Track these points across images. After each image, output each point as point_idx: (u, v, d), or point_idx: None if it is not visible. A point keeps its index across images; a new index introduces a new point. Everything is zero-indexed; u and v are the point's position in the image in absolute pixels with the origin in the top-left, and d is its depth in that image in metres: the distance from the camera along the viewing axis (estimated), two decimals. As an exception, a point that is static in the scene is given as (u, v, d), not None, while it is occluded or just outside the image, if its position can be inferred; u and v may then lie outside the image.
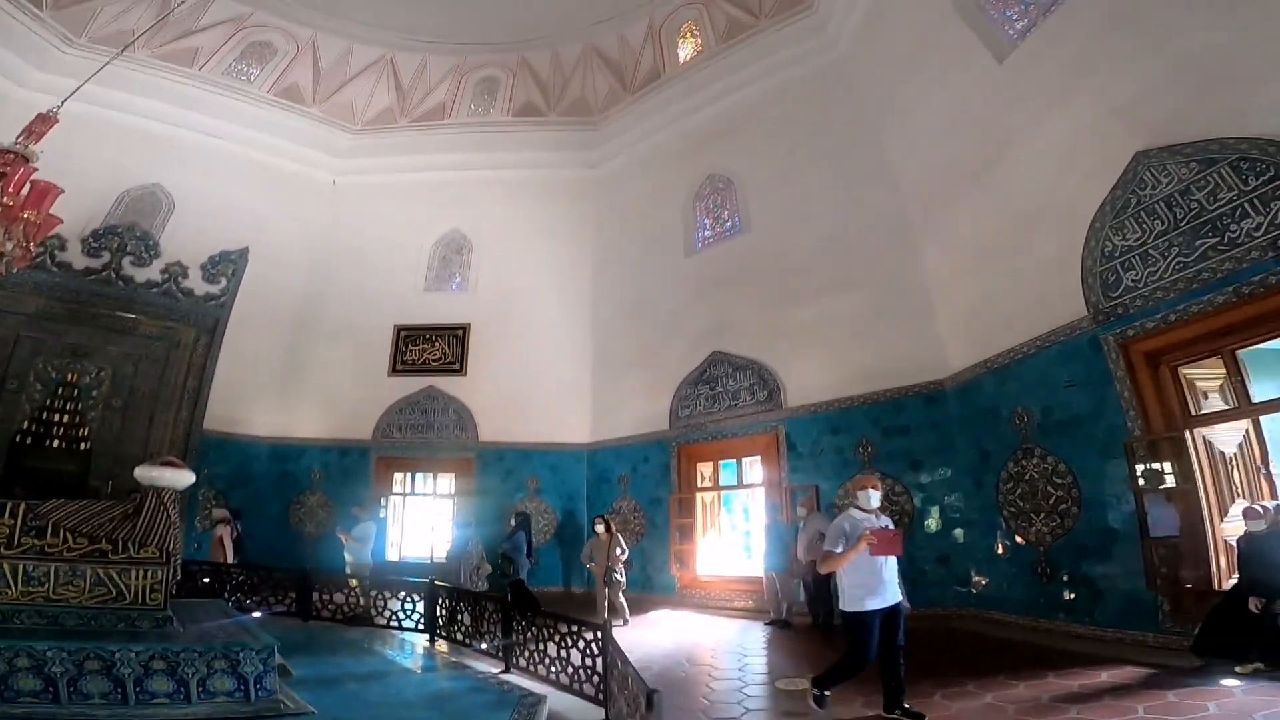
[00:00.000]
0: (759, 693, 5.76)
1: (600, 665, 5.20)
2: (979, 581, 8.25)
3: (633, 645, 6.76)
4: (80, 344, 10.65)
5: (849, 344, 10.08)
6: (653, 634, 8.41)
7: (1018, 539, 7.70)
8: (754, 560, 10.36)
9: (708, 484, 11.67)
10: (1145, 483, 6.35)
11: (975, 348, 8.70)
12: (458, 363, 13.61)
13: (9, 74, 11.01)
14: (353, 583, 8.48)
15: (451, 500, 12.94)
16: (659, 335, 12.63)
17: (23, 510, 4.73)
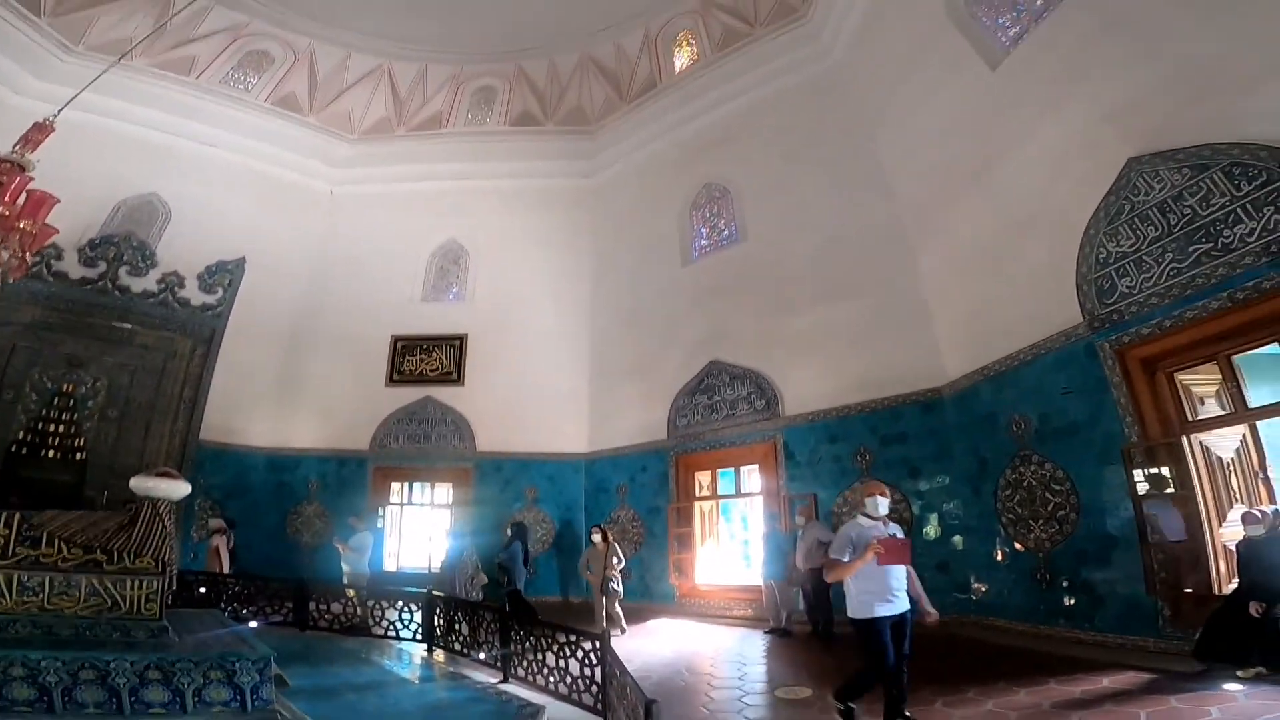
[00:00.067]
0: (759, 701, 5.71)
1: (599, 675, 5.16)
2: (979, 588, 8.23)
3: (631, 654, 6.72)
4: (76, 354, 10.65)
5: (846, 352, 10.10)
6: (652, 643, 8.36)
7: (1017, 545, 7.70)
8: (753, 569, 10.32)
9: (706, 493, 11.66)
10: (1150, 487, 6.34)
11: (972, 355, 8.71)
12: (455, 373, 13.60)
13: (6, 82, 11.04)
14: (350, 592, 8.43)
15: (449, 510, 12.88)
16: (656, 345, 12.64)
17: (17, 520, 4.69)
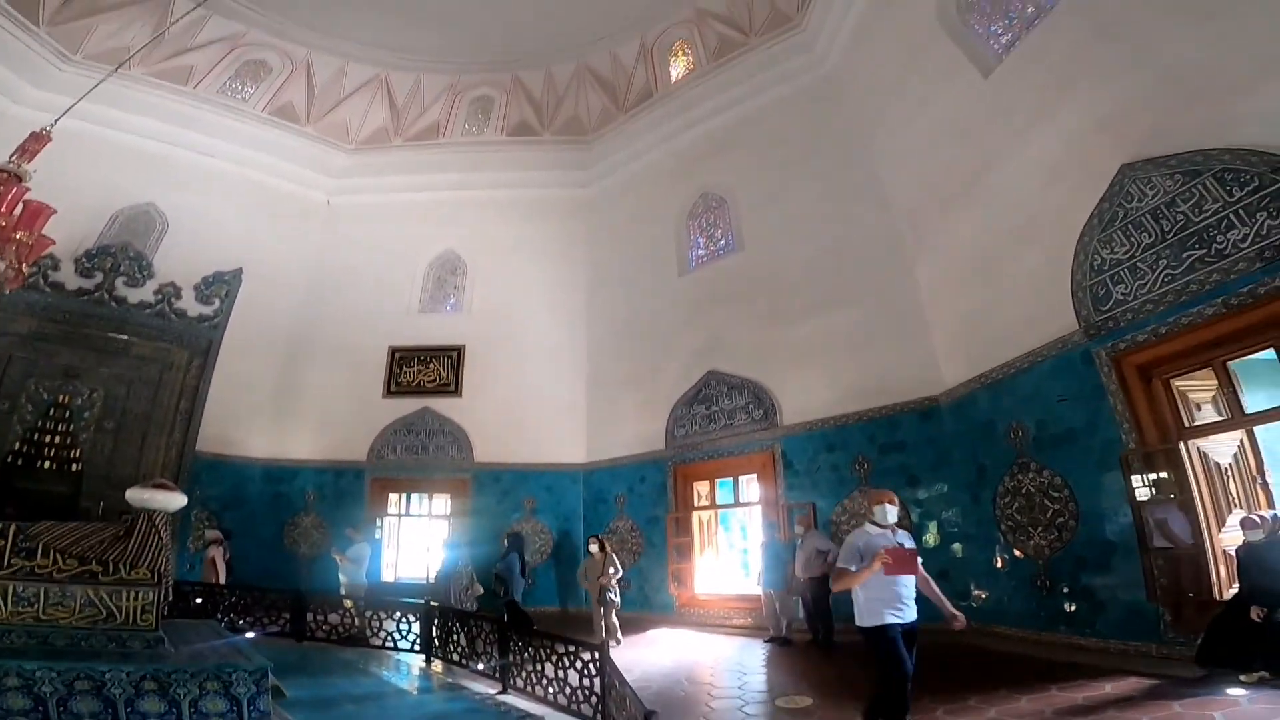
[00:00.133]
0: (759, 711, 5.68)
1: (598, 685, 5.14)
2: (979, 595, 8.21)
3: (631, 664, 6.69)
4: (72, 365, 10.62)
5: (844, 361, 10.11)
6: (651, 653, 8.31)
7: (1016, 553, 7.69)
8: (752, 578, 10.28)
9: (704, 503, 11.62)
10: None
11: (969, 363, 8.72)
12: (453, 384, 13.57)
13: (4, 91, 11.06)
14: (348, 603, 8.37)
15: (447, 521, 12.82)
16: (654, 355, 12.64)
17: (13, 531, 4.67)
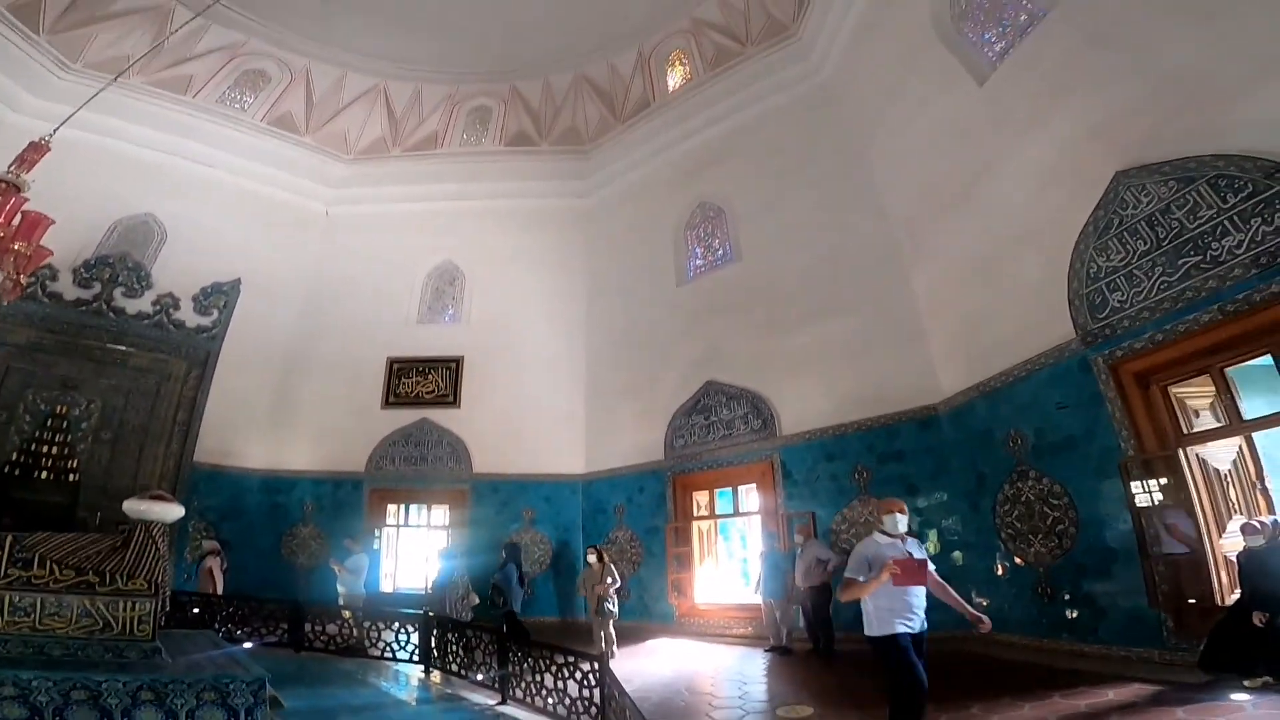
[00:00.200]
0: (761, 721, 5.64)
1: (598, 696, 5.13)
2: (980, 603, 8.12)
3: (631, 675, 6.66)
4: (70, 376, 10.59)
5: (842, 371, 10.12)
6: (651, 663, 8.26)
7: (1017, 560, 7.67)
8: (751, 587, 10.23)
9: (704, 513, 11.60)
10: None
11: (967, 371, 8.73)
12: (451, 395, 13.55)
13: (3, 98, 11.07)
14: (346, 614, 8.32)
15: (446, 532, 12.76)
16: (652, 365, 12.64)
17: (9, 542, 4.65)
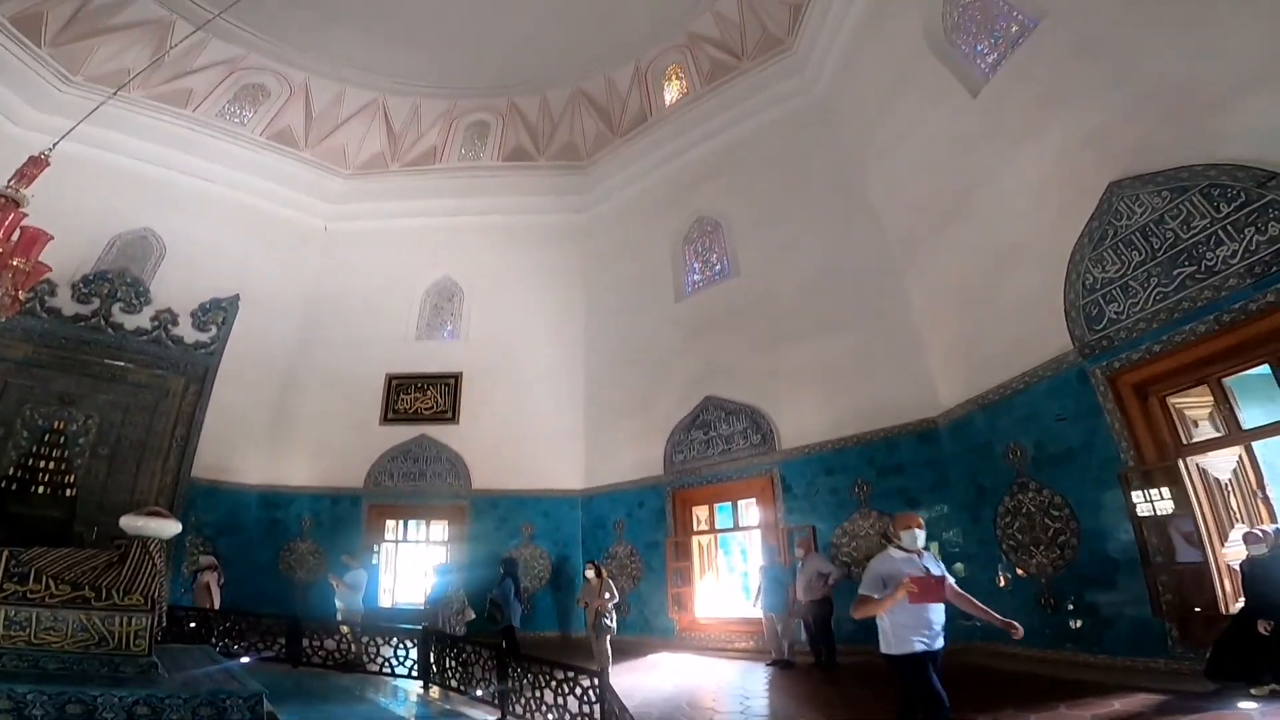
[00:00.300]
0: (764, 734, 5.59)
1: (598, 712, 5.06)
2: (984, 614, 8.13)
3: (631, 690, 6.59)
4: (68, 391, 10.56)
5: (841, 385, 10.13)
6: (652, 678, 8.17)
7: (1019, 571, 7.65)
8: (752, 600, 10.17)
9: (704, 527, 11.56)
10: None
11: (966, 384, 8.75)
12: (450, 411, 13.53)
13: (4, 111, 11.12)
14: (344, 629, 8.25)
15: (445, 547, 12.68)
16: (651, 381, 12.65)
17: (5, 557, 4.64)
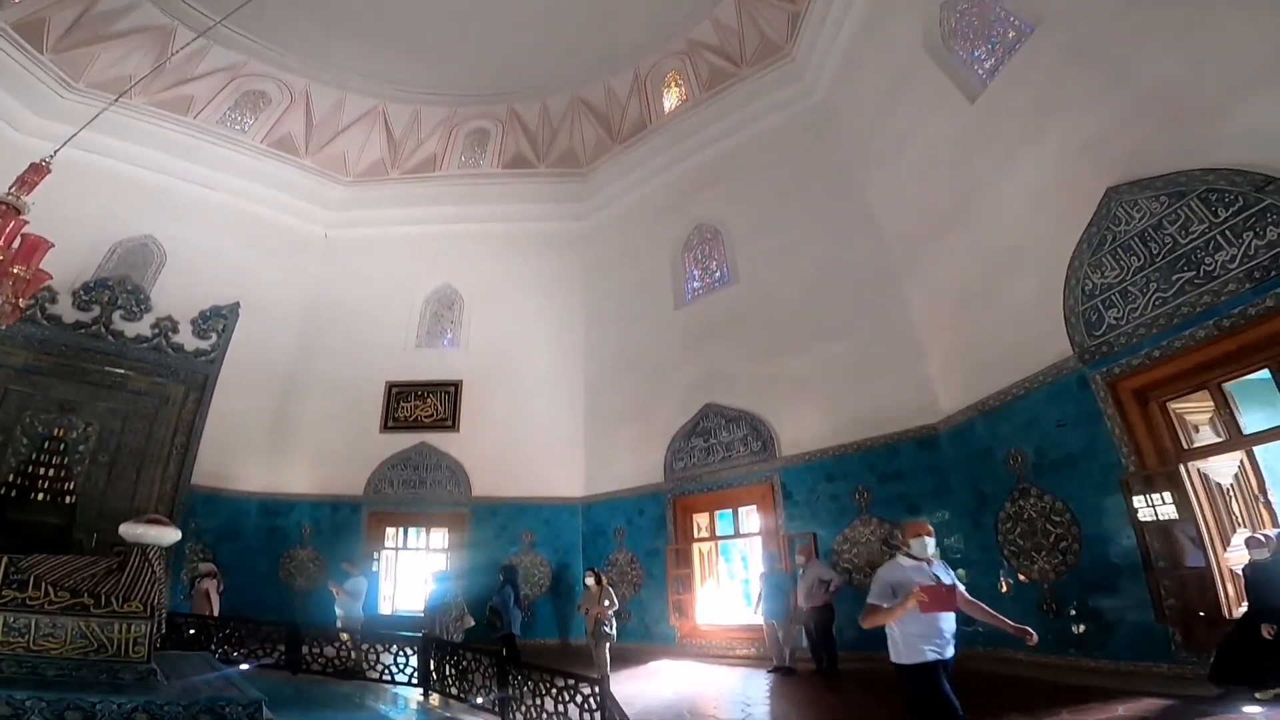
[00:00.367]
0: (765, 741, 5.56)
1: (599, 719, 5.03)
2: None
3: (632, 697, 6.56)
4: (68, 399, 10.57)
5: (841, 391, 10.13)
6: (653, 685, 8.13)
7: (1020, 577, 7.63)
8: (753, 607, 10.14)
9: (704, 534, 11.52)
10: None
11: (966, 390, 8.75)
12: (450, 419, 13.52)
13: (5, 117, 11.16)
14: (344, 636, 8.22)
15: (445, 555, 12.65)
16: (651, 388, 12.64)
17: (4, 563, 4.66)
